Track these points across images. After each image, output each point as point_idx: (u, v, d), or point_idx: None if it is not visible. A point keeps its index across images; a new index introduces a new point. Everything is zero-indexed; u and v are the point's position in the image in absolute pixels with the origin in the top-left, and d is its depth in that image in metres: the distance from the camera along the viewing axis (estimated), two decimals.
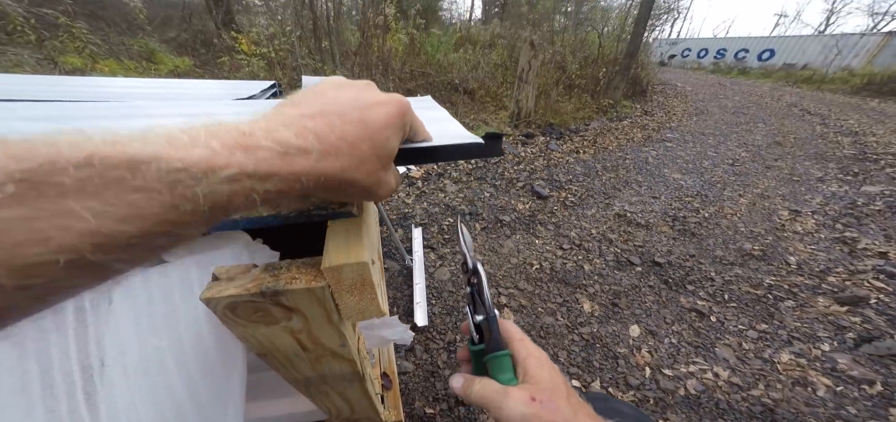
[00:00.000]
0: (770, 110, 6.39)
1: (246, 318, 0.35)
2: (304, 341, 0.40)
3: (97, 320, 0.33)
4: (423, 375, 1.33)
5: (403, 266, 1.80)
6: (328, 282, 0.34)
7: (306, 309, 0.35)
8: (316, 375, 0.51)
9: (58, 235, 0.15)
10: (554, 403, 0.32)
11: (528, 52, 4.24)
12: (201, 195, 0.19)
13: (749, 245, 2.25)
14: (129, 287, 0.35)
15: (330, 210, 0.38)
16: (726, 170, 3.50)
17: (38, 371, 0.31)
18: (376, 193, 0.29)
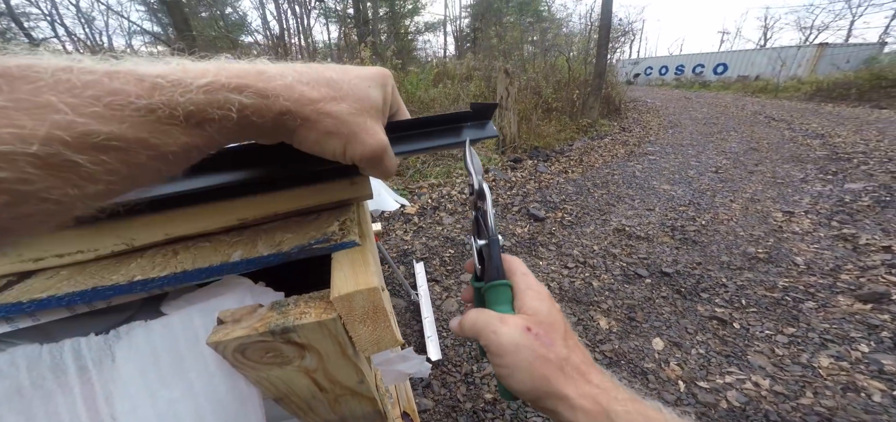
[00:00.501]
0: (738, 119, 6.76)
1: (258, 360, 0.33)
2: (321, 380, 0.39)
3: (102, 378, 0.33)
4: (444, 410, 1.20)
5: (409, 302, 1.71)
6: (339, 313, 0.32)
7: (319, 345, 0.33)
8: (337, 418, 0.49)
9: (32, 124, 0.15)
10: (549, 337, 0.30)
11: (504, 80, 4.40)
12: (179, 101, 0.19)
13: (753, 248, 2.21)
14: (131, 342, 0.34)
15: (332, 242, 0.37)
16: (712, 178, 3.58)
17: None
18: (360, 138, 0.28)
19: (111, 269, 0.36)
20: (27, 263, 0.35)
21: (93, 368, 0.33)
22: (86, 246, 0.36)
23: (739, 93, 11.73)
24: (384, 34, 13.92)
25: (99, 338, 0.33)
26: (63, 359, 0.32)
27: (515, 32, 8.32)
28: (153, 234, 0.38)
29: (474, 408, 1.19)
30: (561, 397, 0.28)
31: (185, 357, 0.35)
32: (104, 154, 0.17)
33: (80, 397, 0.32)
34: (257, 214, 0.43)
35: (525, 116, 5.44)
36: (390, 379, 0.71)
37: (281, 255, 0.37)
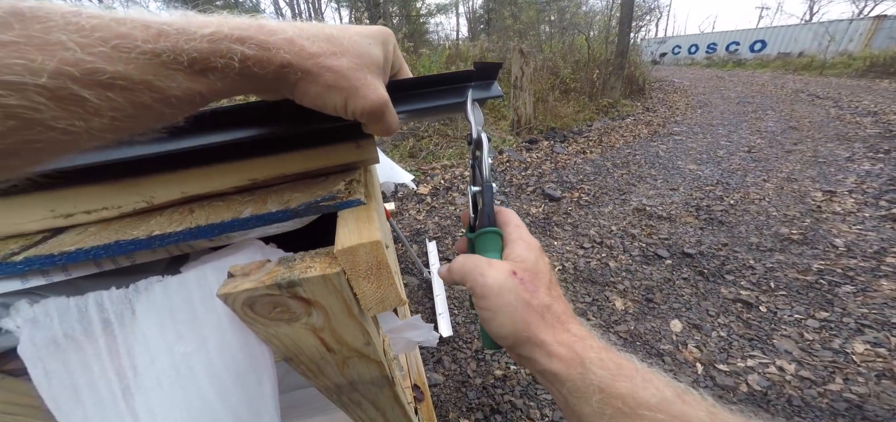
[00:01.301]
0: (776, 98, 6.28)
1: (266, 315, 0.34)
2: (328, 340, 0.39)
3: (124, 332, 0.35)
4: (454, 385, 1.22)
5: (422, 280, 1.73)
6: (343, 267, 0.32)
7: (325, 300, 0.34)
8: (346, 381, 0.51)
9: (42, 58, 0.16)
10: (534, 284, 0.30)
11: (519, 60, 4.25)
12: (183, 47, 0.19)
13: (786, 229, 2.08)
14: (149, 297, 0.35)
15: (338, 199, 0.37)
16: (743, 157, 3.37)
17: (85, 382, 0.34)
18: (361, 92, 0.28)
19: (133, 225, 0.38)
20: (59, 220, 0.37)
21: (115, 320, 0.35)
22: (110, 203, 0.38)
23: (779, 71, 10.83)
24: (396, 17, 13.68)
25: (120, 292, 0.35)
26: (88, 311, 0.34)
27: (531, 12, 7.98)
28: (170, 192, 0.40)
29: (484, 384, 1.21)
30: (539, 342, 0.28)
31: (199, 313, 0.37)
32: (110, 91, 0.18)
33: (105, 348, 0.34)
34: (267, 175, 0.44)
35: (541, 96, 5.27)
36: (399, 347, 0.73)
37: (289, 211, 0.38)
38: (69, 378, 0.34)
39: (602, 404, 0.25)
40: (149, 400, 0.35)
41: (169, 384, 0.35)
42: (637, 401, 0.24)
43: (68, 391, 0.34)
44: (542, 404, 1.13)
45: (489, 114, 5.60)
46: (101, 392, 0.34)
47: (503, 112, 5.46)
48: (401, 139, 4.23)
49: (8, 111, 0.15)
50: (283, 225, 0.56)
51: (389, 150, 3.88)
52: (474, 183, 0.37)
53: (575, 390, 0.26)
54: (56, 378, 0.34)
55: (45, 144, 0.17)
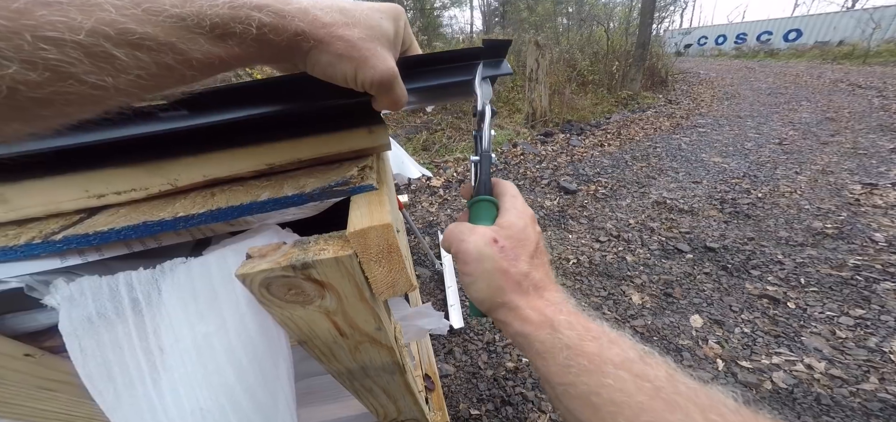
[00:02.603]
0: (812, 88, 5.90)
1: (281, 297, 0.35)
2: (341, 324, 0.40)
3: (151, 311, 0.36)
4: (465, 376, 1.23)
5: (434, 271, 1.75)
6: (355, 250, 0.33)
7: (337, 284, 0.35)
8: (358, 367, 0.52)
9: (81, 17, 0.17)
10: (515, 252, 0.31)
11: (534, 52, 4.17)
12: (207, 12, 0.21)
13: (819, 223, 1.97)
14: (174, 277, 0.37)
15: (351, 184, 0.38)
16: (774, 149, 3.19)
17: (116, 360, 0.36)
18: (370, 62, 0.28)
19: (159, 207, 0.40)
20: (92, 200, 0.40)
21: (143, 300, 0.37)
22: (138, 184, 0.41)
23: (816, 60, 10.13)
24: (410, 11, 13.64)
25: (147, 272, 0.37)
26: (119, 291, 0.36)
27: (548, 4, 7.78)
28: (193, 175, 0.42)
29: (495, 375, 1.21)
30: (512, 307, 0.30)
31: (219, 294, 0.38)
32: (138, 51, 0.19)
33: (134, 328, 0.37)
34: (283, 160, 0.45)
35: (557, 89, 5.15)
36: (411, 335, 0.74)
37: (304, 195, 0.40)
38: (102, 356, 0.36)
39: (568, 362, 0.26)
40: (173, 378, 0.37)
41: (191, 363, 0.37)
42: (602, 359, 0.25)
43: (101, 368, 0.36)
44: None
45: (503, 107, 5.53)
46: (130, 371, 0.36)
47: (518, 105, 5.38)
48: (414, 133, 4.24)
49: (47, 64, 0.17)
50: (300, 211, 0.57)
51: (403, 143, 3.91)
52: (475, 153, 0.37)
53: (543, 351, 0.27)
54: (90, 355, 0.36)
55: (75, 97, 0.19)
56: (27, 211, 0.38)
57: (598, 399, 0.24)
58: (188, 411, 0.37)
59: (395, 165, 1.19)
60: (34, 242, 0.34)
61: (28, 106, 0.18)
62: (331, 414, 0.89)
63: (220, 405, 0.38)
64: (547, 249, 0.38)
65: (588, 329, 0.27)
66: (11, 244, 0.33)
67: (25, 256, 0.34)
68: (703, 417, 0.21)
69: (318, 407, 0.91)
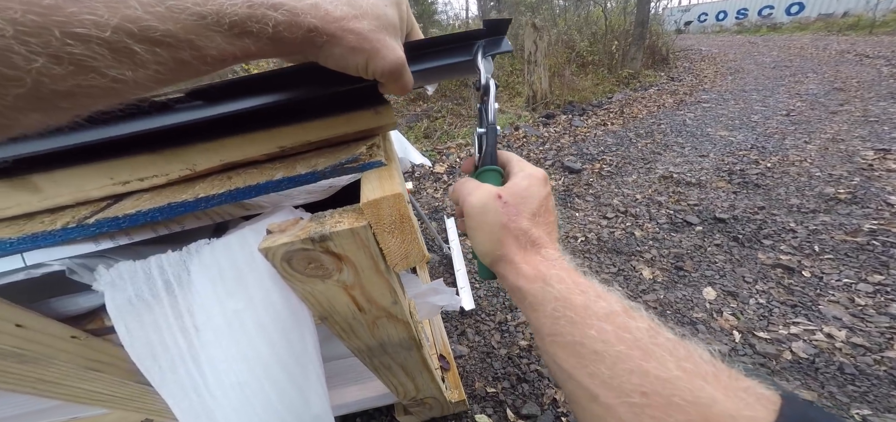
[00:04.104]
0: (818, 60, 5.75)
1: (302, 271, 0.36)
2: (359, 298, 0.41)
3: (183, 291, 0.37)
4: (479, 356, 1.24)
5: (442, 255, 1.76)
6: (369, 221, 0.34)
7: (354, 256, 0.36)
8: (376, 343, 0.53)
9: (108, 15, 0.18)
10: (517, 209, 0.32)
11: (531, 35, 4.10)
12: (226, 10, 0.22)
13: (831, 189, 1.94)
14: (201, 258, 0.38)
15: (361, 161, 0.39)
16: (781, 121, 3.13)
17: (158, 340, 0.37)
18: (381, 53, 0.29)
19: (181, 191, 0.41)
20: (118, 186, 0.41)
21: (174, 282, 0.38)
22: (159, 171, 0.41)
23: (820, 32, 9.82)
24: None
25: (176, 254, 0.38)
26: (152, 273, 0.37)
27: None
28: (210, 159, 0.42)
29: (509, 354, 1.22)
30: (509, 261, 0.31)
31: (244, 272, 0.39)
32: (158, 47, 0.20)
33: (169, 308, 0.38)
34: (294, 142, 0.46)
35: (557, 71, 5.08)
36: (424, 312, 0.75)
37: (317, 173, 0.40)
38: (145, 336, 0.37)
39: (556, 313, 0.27)
40: (210, 354, 0.38)
41: (225, 340, 0.38)
42: (588, 311, 0.25)
43: (146, 348, 0.38)
44: None
45: (504, 92, 5.47)
46: (171, 350, 0.38)
47: (518, 89, 5.32)
48: (415, 121, 4.22)
49: (72, 59, 0.17)
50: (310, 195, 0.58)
51: (404, 131, 3.89)
52: (481, 126, 0.38)
53: (535, 303, 0.28)
54: (136, 336, 0.37)
55: (95, 90, 0.19)
56: (58, 199, 0.39)
57: (582, 349, 0.25)
58: (228, 385, 0.38)
59: (398, 149, 1.19)
60: (69, 226, 0.35)
61: (50, 98, 0.18)
62: (352, 396, 0.93)
63: (256, 378, 0.39)
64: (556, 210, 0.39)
65: (577, 283, 0.28)
66: (49, 229, 0.35)
67: (63, 240, 0.35)
68: (676, 364, 0.21)
69: (339, 390, 0.94)
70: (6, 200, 0.38)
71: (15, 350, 0.38)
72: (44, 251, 0.36)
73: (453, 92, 5.36)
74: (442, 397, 0.89)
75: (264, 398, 0.38)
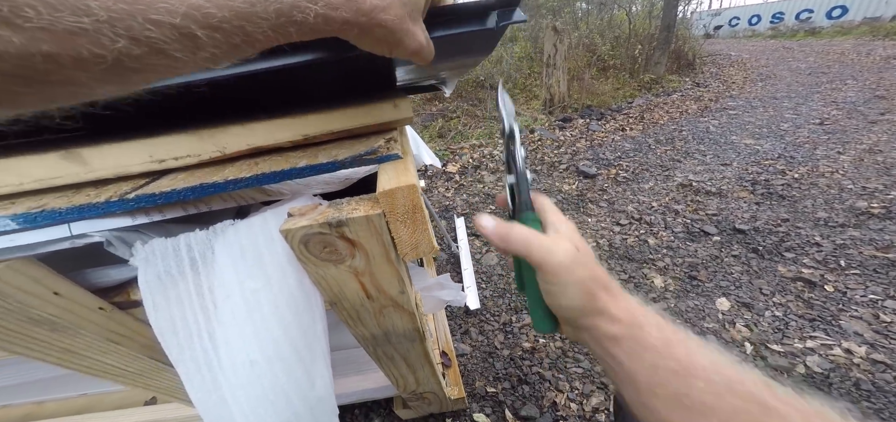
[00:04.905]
0: (859, 66, 5.41)
1: (317, 255, 0.37)
2: (368, 285, 0.43)
3: (207, 270, 0.39)
4: (481, 355, 1.25)
5: (450, 254, 1.77)
6: (383, 209, 0.36)
7: (367, 242, 0.37)
8: (381, 332, 0.55)
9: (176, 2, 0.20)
10: (589, 256, 0.32)
11: (552, 37, 4.05)
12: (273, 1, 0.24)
13: (864, 203, 1.84)
14: (225, 238, 0.40)
15: (379, 154, 0.41)
16: (813, 129, 2.98)
17: (179, 315, 0.38)
18: (404, 43, 0.31)
19: (212, 173, 0.44)
20: (154, 164, 0.45)
21: (199, 259, 0.40)
22: (192, 151, 0.45)
23: (865, 37, 9.20)
24: None
25: (203, 232, 0.41)
26: (180, 251, 0.40)
27: None
28: (239, 143, 0.46)
29: (512, 355, 1.22)
30: (601, 310, 0.30)
31: (263, 254, 0.41)
32: (216, 32, 0.22)
33: (193, 285, 0.40)
34: (318, 131, 0.48)
35: (577, 74, 5.00)
36: (430, 306, 0.77)
37: (337, 163, 0.43)
38: (169, 311, 0.39)
39: (655, 362, 0.26)
40: (226, 332, 0.40)
41: (241, 318, 0.40)
42: (692, 361, 0.25)
43: (168, 322, 0.40)
44: (571, 377, 1.13)
45: (520, 94, 5.43)
46: (189, 325, 0.40)
47: (535, 92, 5.27)
48: (430, 121, 4.26)
49: (148, 41, 0.20)
50: (329, 184, 0.61)
51: (419, 130, 3.93)
52: (509, 173, 0.38)
53: (631, 352, 0.27)
54: (161, 311, 0.39)
55: (162, 67, 0.22)
56: (102, 173, 0.42)
57: (688, 401, 0.24)
58: (239, 363, 0.40)
59: (412, 146, 1.22)
60: (112, 200, 0.38)
61: (124, 73, 0.21)
62: (352, 387, 0.94)
63: (267, 357, 0.41)
64: None
65: (674, 332, 0.27)
66: (94, 202, 0.38)
67: (105, 213, 0.38)
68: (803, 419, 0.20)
69: (339, 380, 0.96)
70: (57, 169, 0.42)
71: (50, 317, 0.41)
72: (87, 223, 0.38)
73: (469, 93, 5.37)
74: (441, 392, 0.90)
75: (273, 377, 0.40)
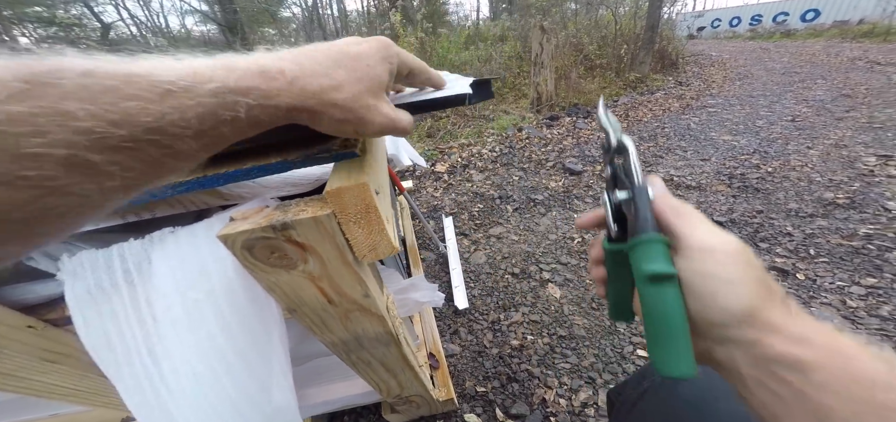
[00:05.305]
0: (828, 67, 5.67)
1: (264, 260, 0.35)
2: (327, 289, 0.40)
3: (143, 280, 0.36)
4: (471, 355, 1.24)
5: (438, 254, 1.75)
6: (333, 210, 0.33)
7: (318, 246, 0.35)
8: (351, 337, 0.51)
9: (55, 130, 0.16)
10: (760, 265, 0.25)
11: (539, 36, 4.09)
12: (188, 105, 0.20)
13: (831, 194, 1.92)
14: (163, 247, 0.37)
15: (333, 153, 0.38)
16: (786, 126, 3.10)
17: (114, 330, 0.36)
18: (367, 119, 0.29)
19: None
20: None
21: (134, 271, 0.37)
22: None
23: (834, 39, 9.65)
24: None
25: (137, 243, 0.38)
26: (112, 262, 0.37)
27: None
28: None
29: (501, 353, 1.22)
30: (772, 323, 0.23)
31: (207, 263, 0.39)
32: (118, 154, 0.18)
33: (128, 298, 0.37)
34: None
35: (564, 73, 5.05)
36: (407, 309, 0.74)
37: (287, 163, 0.40)
38: (102, 327, 0.36)
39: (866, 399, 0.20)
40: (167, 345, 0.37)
41: (183, 328, 0.38)
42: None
43: (102, 339, 0.37)
44: (559, 373, 1.13)
45: (509, 93, 5.46)
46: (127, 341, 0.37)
47: (524, 90, 5.30)
48: (419, 120, 4.23)
49: (28, 182, 0.16)
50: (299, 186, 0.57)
51: None
52: (616, 189, 0.31)
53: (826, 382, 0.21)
54: (92, 327, 0.36)
55: (65, 209, 0.18)
56: None
57: None
58: (183, 376, 0.38)
59: (392, 144, 1.18)
60: None
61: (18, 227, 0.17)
62: (339, 392, 0.91)
63: (212, 369, 0.38)
64: None
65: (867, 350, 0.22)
66: None
67: None
68: None
69: (325, 386, 0.93)
70: None
71: None
72: None
73: None
74: (428, 395, 0.88)
75: (220, 390, 0.37)
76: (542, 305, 1.40)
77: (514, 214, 2.09)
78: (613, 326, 1.28)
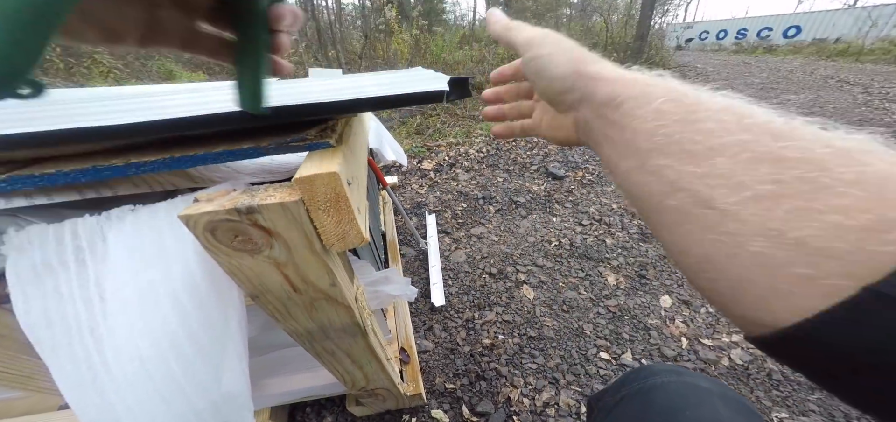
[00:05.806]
0: (802, 84, 5.96)
1: (228, 244, 0.34)
2: (292, 277, 0.40)
3: (95, 259, 0.36)
4: (443, 352, 1.26)
5: (419, 251, 1.76)
6: (302, 197, 0.34)
7: (285, 232, 0.35)
8: (316, 326, 0.51)
9: None
10: None
11: None
12: None
13: None
14: (121, 225, 0.37)
15: (307, 142, 0.39)
16: None
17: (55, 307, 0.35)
18: None
19: (111, 156, 0.40)
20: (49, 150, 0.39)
21: (86, 248, 0.36)
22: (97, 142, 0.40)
23: (812, 57, 10.17)
24: None
25: (92, 219, 0.37)
26: (64, 238, 0.36)
27: None
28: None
29: (472, 352, 1.24)
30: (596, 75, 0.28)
31: (167, 243, 0.38)
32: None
33: (75, 276, 0.35)
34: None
35: None
36: (378, 301, 0.74)
37: (260, 150, 0.41)
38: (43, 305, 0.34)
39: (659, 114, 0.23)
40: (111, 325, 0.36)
41: (133, 311, 0.36)
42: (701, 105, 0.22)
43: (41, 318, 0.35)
44: (525, 373, 1.17)
45: None
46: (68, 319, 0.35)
47: None
48: (409, 116, 4.21)
49: None
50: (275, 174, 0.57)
51: (397, 126, 3.88)
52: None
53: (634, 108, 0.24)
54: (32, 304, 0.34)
55: None
56: None
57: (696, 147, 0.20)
58: (127, 359, 0.36)
59: (375, 138, 1.19)
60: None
61: None
62: (302, 383, 0.89)
63: (160, 352, 0.37)
64: None
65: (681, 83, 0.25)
66: None
67: None
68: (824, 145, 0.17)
69: (287, 377, 0.91)
70: None
71: None
72: None
73: None
74: (395, 388, 0.88)
75: (166, 373, 0.36)
76: (516, 306, 1.43)
77: (495, 214, 2.12)
78: (580, 328, 1.33)
